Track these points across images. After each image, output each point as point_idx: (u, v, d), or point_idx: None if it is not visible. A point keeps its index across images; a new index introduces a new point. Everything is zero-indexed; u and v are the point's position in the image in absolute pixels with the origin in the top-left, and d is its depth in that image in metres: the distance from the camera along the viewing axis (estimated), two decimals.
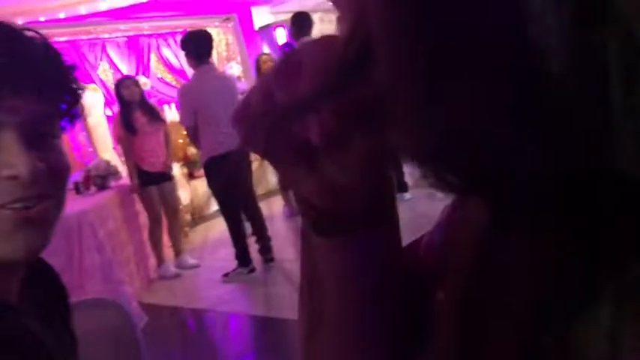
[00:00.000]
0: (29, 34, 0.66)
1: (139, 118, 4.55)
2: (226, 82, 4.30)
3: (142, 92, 4.79)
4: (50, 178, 0.63)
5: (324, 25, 10.56)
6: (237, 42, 8.97)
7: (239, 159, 4.17)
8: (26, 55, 0.63)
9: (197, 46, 4.08)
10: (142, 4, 5.86)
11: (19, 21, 5.92)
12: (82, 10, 5.15)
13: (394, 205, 0.33)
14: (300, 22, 4.81)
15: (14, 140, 0.60)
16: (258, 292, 3.96)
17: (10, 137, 0.60)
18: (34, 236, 0.62)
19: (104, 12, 6.46)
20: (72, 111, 0.70)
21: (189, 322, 3.83)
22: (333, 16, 6.12)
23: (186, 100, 4.13)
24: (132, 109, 4.55)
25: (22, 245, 0.60)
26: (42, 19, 5.51)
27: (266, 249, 4.28)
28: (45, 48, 0.67)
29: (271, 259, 4.27)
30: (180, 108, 4.31)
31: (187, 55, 4.17)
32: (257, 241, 4.30)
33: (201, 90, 4.03)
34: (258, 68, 5.94)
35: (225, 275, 4.20)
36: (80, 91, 0.70)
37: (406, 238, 0.37)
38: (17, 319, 0.63)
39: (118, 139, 4.78)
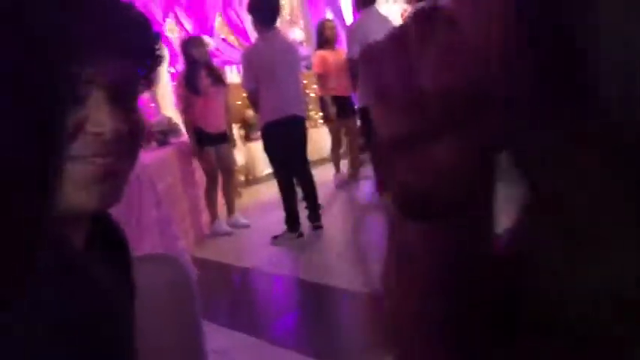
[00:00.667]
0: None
1: (203, 79, 4.63)
2: (289, 48, 4.32)
3: (208, 53, 4.87)
4: (129, 138, 0.68)
5: None
6: (301, 6, 8.94)
7: (295, 124, 4.23)
8: (118, 20, 0.67)
9: (264, 10, 4.10)
10: None
11: None
12: None
13: (492, 194, 0.32)
14: None
15: (103, 99, 0.65)
16: (304, 257, 4.07)
17: (100, 96, 0.64)
18: (109, 190, 0.67)
19: None
20: (152, 75, 0.74)
21: (236, 279, 3.98)
22: None
23: (249, 63, 4.20)
24: (197, 69, 4.63)
25: (97, 196, 0.65)
26: None
27: (315, 216, 4.36)
28: (135, 14, 0.71)
29: (319, 227, 4.35)
30: (242, 71, 4.37)
31: (253, 19, 4.20)
32: (307, 207, 4.38)
33: (264, 55, 4.07)
34: (320, 34, 5.92)
35: (275, 238, 4.32)
36: (161, 58, 0.74)
37: None
38: (82, 265, 0.67)
39: (180, 98, 4.90)
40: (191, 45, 4.72)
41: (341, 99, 5.75)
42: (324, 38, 5.81)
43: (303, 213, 4.36)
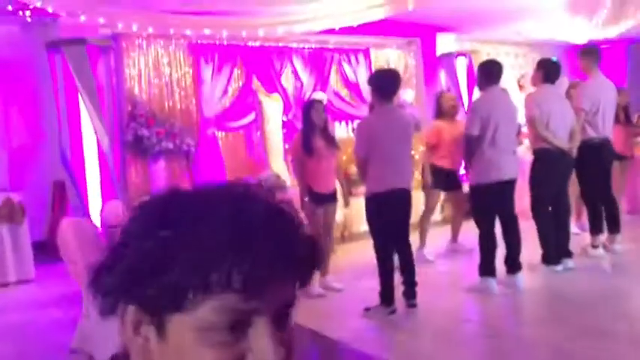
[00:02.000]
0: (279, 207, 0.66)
1: (318, 141, 4.79)
2: (404, 123, 4.35)
3: (326, 117, 5.02)
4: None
5: (513, 59, 10.18)
6: (416, 67, 8.97)
7: (403, 199, 4.22)
8: (286, 235, 0.63)
9: (385, 87, 4.21)
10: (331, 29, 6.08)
11: (224, 33, 6.44)
12: (280, 31, 5.48)
13: None
14: (489, 69, 4.72)
15: (267, 327, 0.62)
16: (395, 338, 3.97)
17: (264, 324, 0.61)
18: None
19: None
20: (307, 279, 0.68)
21: (320, 351, 3.92)
22: (524, 50, 6.05)
23: (364, 133, 4.29)
24: (314, 131, 4.80)
25: None
26: (243, 33, 5.94)
27: (411, 293, 4.26)
28: (295, 222, 0.66)
29: (414, 305, 4.24)
30: (355, 138, 4.45)
31: (373, 92, 4.31)
32: (403, 283, 4.29)
33: (380, 127, 4.18)
34: (439, 105, 5.92)
35: (366, 310, 4.25)
36: (319, 265, 0.69)
37: None
38: None
39: (294, 157, 5.04)
40: (312, 108, 4.89)
41: (449, 172, 5.70)
42: (442, 110, 5.81)
43: (398, 288, 4.27)
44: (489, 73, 4.69)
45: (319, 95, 7.33)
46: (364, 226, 5.66)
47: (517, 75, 9.48)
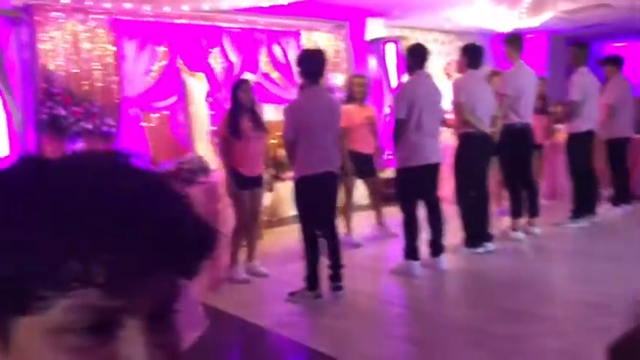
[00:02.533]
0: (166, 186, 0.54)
1: (245, 123, 4.66)
2: (331, 105, 4.29)
3: (254, 99, 4.89)
4: None
5: (440, 46, 10.34)
6: (346, 51, 8.95)
7: (329, 181, 4.18)
8: (165, 217, 0.52)
9: (311, 68, 4.15)
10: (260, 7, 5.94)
11: (147, 8, 6.16)
12: (205, 7, 5.28)
13: None
14: (416, 53, 4.74)
15: (139, 328, 0.51)
16: (320, 322, 3.94)
17: (136, 324, 0.51)
18: None
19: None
20: (194, 269, 0.56)
21: (245, 337, 3.83)
22: (451, 37, 6.17)
23: (291, 116, 4.21)
24: (241, 113, 4.66)
25: None
26: (166, 9, 5.70)
27: (336, 276, 4.24)
28: (178, 201, 0.54)
29: (340, 288, 4.23)
30: (284, 122, 4.34)
31: (300, 73, 4.24)
32: (329, 266, 4.26)
33: (306, 110, 4.11)
34: (348, 90, 5.94)
35: (291, 294, 4.20)
36: (210, 251, 0.57)
37: None
38: None
39: (221, 139, 4.88)
40: (240, 89, 4.74)
41: (363, 157, 5.71)
42: (352, 94, 5.83)
43: (325, 273, 4.24)
44: (416, 56, 4.72)
45: (248, 76, 7.17)
46: (292, 211, 5.61)
47: (444, 62, 9.66)
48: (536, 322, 3.50)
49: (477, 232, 5.13)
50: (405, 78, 5.05)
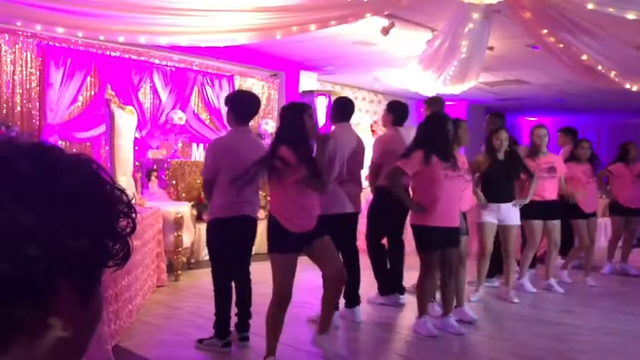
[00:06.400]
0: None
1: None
2: (256, 148, 4.02)
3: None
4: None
5: (368, 104, 10.75)
6: (279, 99, 9.10)
7: (246, 225, 4.02)
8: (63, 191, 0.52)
9: (241, 109, 4.03)
10: (197, 47, 5.99)
11: (80, 34, 6.07)
12: (142, 40, 5.26)
13: None
14: (342, 107, 4.88)
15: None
16: None
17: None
18: None
19: (161, 46, 6.60)
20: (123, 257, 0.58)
21: None
22: (379, 97, 6.30)
23: (213, 155, 4.02)
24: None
25: None
26: (101, 37, 5.64)
27: (244, 326, 4.07)
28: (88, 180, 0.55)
29: (246, 338, 4.05)
30: (205, 159, 4.23)
31: (228, 113, 4.10)
32: (237, 315, 4.08)
33: (230, 151, 3.93)
34: None
35: (199, 342, 4.04)
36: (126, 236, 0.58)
37: None
38: None
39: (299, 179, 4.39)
40: (307, 113, 3.65)
41: None
42: None
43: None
44: (342, 109, 4.84)
45: (178, 114, 7.14)
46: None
47: (370, 120, 10.07)
48: None
49: (390, 284, 5.22)
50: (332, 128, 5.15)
